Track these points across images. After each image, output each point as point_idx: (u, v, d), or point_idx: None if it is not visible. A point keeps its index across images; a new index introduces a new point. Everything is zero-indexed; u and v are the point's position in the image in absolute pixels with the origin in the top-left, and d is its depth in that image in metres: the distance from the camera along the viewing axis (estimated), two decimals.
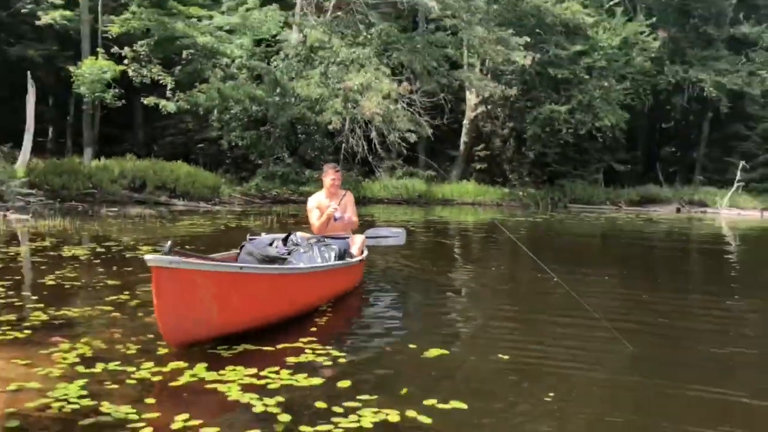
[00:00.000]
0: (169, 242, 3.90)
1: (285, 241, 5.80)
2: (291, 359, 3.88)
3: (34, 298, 5.36)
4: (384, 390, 3.46)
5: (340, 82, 21.51)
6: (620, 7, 29.25)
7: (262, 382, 3.48)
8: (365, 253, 6.47)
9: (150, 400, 3.17)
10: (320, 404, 3.19)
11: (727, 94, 29.83)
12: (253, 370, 3.63)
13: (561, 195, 28.19)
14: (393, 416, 3.06)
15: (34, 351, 3.86)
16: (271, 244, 5.69)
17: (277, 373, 3.61)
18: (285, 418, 3.01)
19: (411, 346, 4.27)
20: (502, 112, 29.53)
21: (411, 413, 3.10)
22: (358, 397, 3.28)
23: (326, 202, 6.38)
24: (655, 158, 35.86)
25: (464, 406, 3.23)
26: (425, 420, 3.04)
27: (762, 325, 5.64)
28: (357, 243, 6.28)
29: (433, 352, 4.13)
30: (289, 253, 5.49)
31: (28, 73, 17.91)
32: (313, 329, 4.60)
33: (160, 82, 21.76)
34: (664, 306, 6.15)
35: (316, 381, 3.51)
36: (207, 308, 3.95)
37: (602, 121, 26.23)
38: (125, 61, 21.63)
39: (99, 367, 3.61)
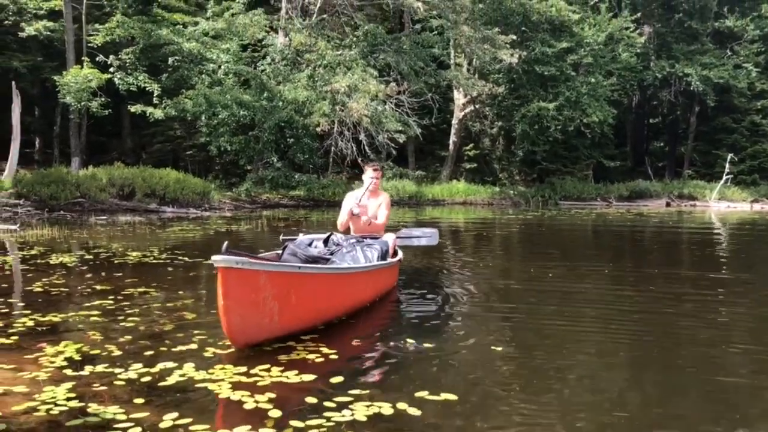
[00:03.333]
0: (225, 242, 3.85)
1: (326, 241, 5.81)
2: (282, 357, 3.85)
3: (20, 305, 5.30)
4: (376, 384, 3.45)
5: (327, 84, 21.48)
6: (605, 4, 29.43)
7: (252, 380, 3.45)
8: (400, 254, 6.46)
9: (138, 400, 3.13)
10: (311, 399, 3.17)
11: (714, 87, 29.99)
12: (243, 369, 3.60)
13: (551, 192, 28.28)
14: (386, 409, 3.04)
15: (20, 356, 3.81)
16: (310, 244, 5.72)
17: (267, 371, 3.58)
18: (276, 413, 2.98)
19: (408, 340, 4.26)
20: (490, 111, 29.60)
21: (402, 405, 3.08)
22: (350, 392, 3.26)
23: (363, 199, 6.33)
24: (643, 153, 36.05)
25: (454, 397, 3.23)
26: (416, 412, 3.02)
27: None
28: (389, 243, 6.15)
29: (428, 347, 4.11)
30: (331, 254, 5.49)
31: (13, 83, 17.81)
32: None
33: (147, 89, 21.70)
34: (658, 293, 6.16)
35: (308, 378, 3.49)
36: (270, 309, 3.97)
37: (590, 118, 26.33)
38: (111, 70, 21.56)
39: (87, 370, 3.56)
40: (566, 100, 26.38)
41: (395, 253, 6.32)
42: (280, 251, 5.43)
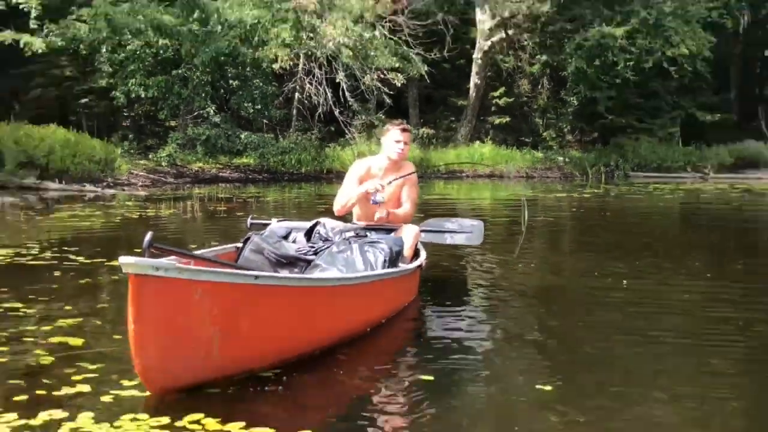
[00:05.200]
0: (149, 234, 3.70)
1: (309, 233, 5.80)
2: (222, 402, 3.79)
3: None
4: None
5: None
6: None
7: None
8: (423, 255, 6.36)
9: None
10: None
11: None
12: (164, 419, 3.50)
13: (619, 159, 28.29)
14: None
15: None
16: (286, 237, 5.74)
17: (199, 423, 3.49)
18: None
19: (421, 377, 4.29)
20: (529, 39, 29.48)
21: None
22: None
23: (379, 173, 6.19)
24: (755, 102, 36.03)
25: None
26: None
27: None
28: (408, 239, 6.03)
29: (450, 387, 4.13)
30: (315, 253, 5.46)
31: None
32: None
33: (21, 7, 21.40)
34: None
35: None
36: (207, 338, 3.88)
37: (677, 49, 26.24)
38: None
39: None
40: (642, 24, 26.28)
41: (416, 255, 6.24)
42: (241, 243, 5.45)
